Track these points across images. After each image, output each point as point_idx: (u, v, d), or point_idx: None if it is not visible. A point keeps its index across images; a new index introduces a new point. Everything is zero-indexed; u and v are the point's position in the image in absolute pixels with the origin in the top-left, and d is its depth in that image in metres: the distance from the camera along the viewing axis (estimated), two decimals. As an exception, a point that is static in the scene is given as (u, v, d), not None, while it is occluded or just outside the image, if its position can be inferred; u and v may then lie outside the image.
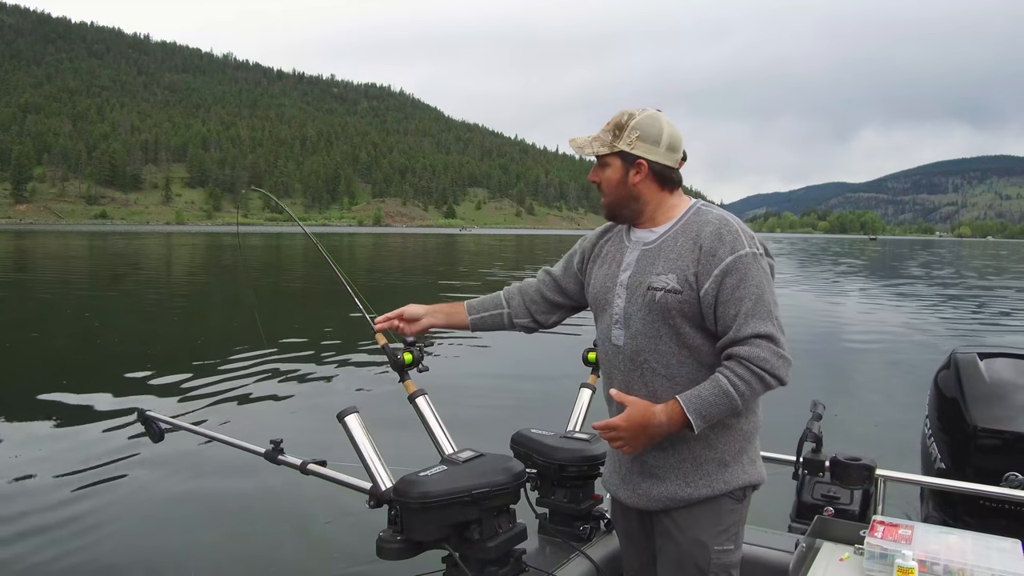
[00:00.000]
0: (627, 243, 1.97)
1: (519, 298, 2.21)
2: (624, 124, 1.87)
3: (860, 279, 30.80)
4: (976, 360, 2.85)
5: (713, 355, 1.83)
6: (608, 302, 1.95)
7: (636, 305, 1.87)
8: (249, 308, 12.42)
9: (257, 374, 8.61)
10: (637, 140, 1.86)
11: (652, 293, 1.84)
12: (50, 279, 24.63)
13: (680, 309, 1.81)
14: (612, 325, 1.93)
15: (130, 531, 4.46)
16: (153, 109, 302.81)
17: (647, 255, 1.90)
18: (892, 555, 1.78)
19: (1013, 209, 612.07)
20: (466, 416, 6.13)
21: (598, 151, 1.89)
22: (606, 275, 1.98)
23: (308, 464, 2.24)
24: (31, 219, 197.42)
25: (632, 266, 1.91)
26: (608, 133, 1.89)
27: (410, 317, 2.28)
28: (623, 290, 1.91)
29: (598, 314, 2.02)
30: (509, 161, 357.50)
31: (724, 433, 1.86)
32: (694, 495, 1.85)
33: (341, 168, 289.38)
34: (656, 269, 1.86)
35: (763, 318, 1.74)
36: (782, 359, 1.74)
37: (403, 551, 1.91)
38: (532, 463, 2.44)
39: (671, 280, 1.82)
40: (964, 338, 12.96)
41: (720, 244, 1.79)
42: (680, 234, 1.87)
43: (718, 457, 1.86)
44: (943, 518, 2.57)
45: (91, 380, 8.56)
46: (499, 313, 2.22)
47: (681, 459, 1.86)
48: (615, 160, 1.89)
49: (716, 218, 1.85)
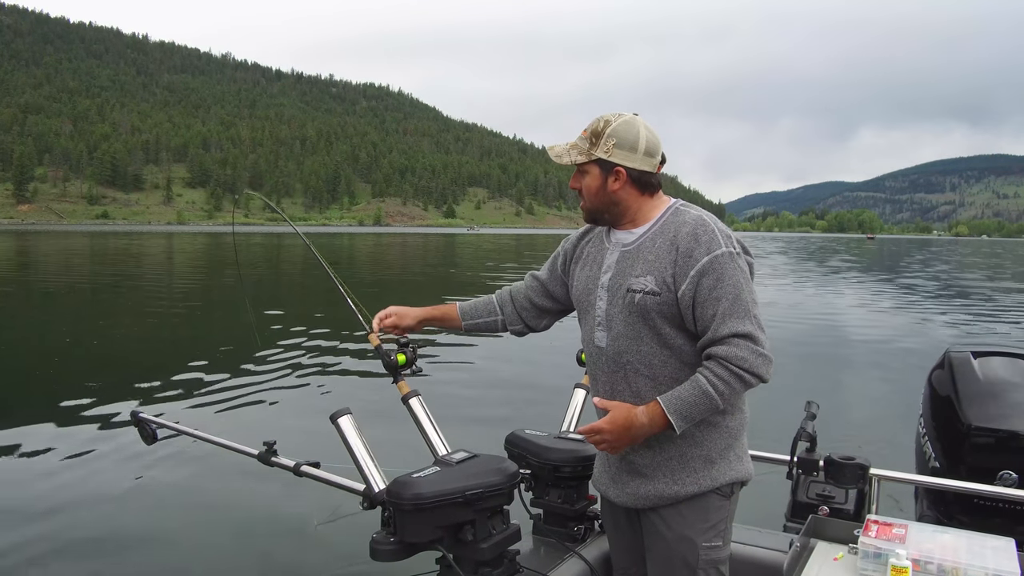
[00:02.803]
0: (607, 244, 1.97)
1: (511, 305, 2.24)
2: (600, 131, 1.86)
3: (856, 278, 30.80)
4: (970, 358, 2.85)
5: (695, 354, 1.84)
6: (590, 304, 1.96)
7: (617, 307, 1.88)
8: (244, 309, 12.41)
9: (250, 375, 8.58)
10: (614, 148, 1.85)
11: (631, 295, 1.84)
12: (49, 279, 24.61)
13: (659, 310, 1.82)
14: (595, 327, 1.94)
15: (122, 533, 4.45)
16: (153, 109, 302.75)
17: (626, 257, 1.90)
18: (886, 554, 1.78)
19: (1010, 208, 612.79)
20: (460, 417, 6.14)
21: (576, 159, 1.89)
22: (588, 277, 1.99)
23: (301, 466, 2.24)
24: (33, 219, 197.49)
25: (612, 268, 1.92)
26: (585, 141, 1.88)
27: (402, 315, 2.29)
28: (604, 292, 1.92)
29: (582, 316, 2.03)
30: (508, 161, 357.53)
31: (710, 431, 1.87)
32: (681, 492, 1.87)
33: (341, 168, 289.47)
34: (635, 271, 1.86)
35: (741, 317, 1.75)
36: (761, 357, 1.75)
37: (396, 552, 1.91)
38: (526, 464, 2.44)
39: (649, 282, 1.83)
40: (958, 337, 12.96)
41: (696, 245, 1.80)
42: (658, 235, 1.87)
43: (704, 454, 1.87)
44: (937, 517, 2.56)
45: (84, 381, 8.53)
46: (493, 320, 2.25)
47: (668, 457, 1.88)
48: (593, 168, 1.89)
49: (693, 219, 1.86)
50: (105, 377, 8.89)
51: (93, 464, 5.54)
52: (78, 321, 14.16)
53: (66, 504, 4.78)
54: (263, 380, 8.35)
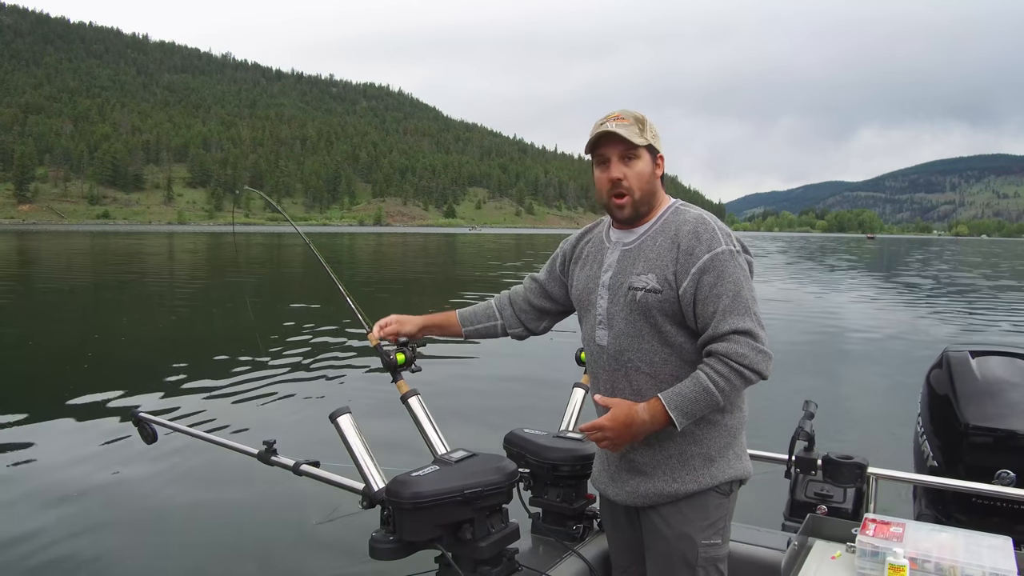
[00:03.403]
0: (607, 243, 1.98)
1: (510, 309, 2.25)
2: (643, 120, 1.88)
3: (855, 277, 30.79)
4: (968, 358, 2.85)
5: (695, 352, 1.85)
6: (591, 303, 1.97)
7: (618, 305, 1.89)
8: (243, 308, 12.42)
9: (250, 375, 8.58)
10: (654, 137, 1.88)
11: (633, 293, 1.85)
12: (48, 279, 24.62)
13: (661, 308, 1.83)
14: (596, 326, 1.95)
15: (122, 532, 4.46)
16: (153, 109, 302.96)
17: (627, 255, 1.91)
18: (884, 553, 1.77)
19: (1010, 208, 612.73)
20: (459, 416, 6.14)
21: (637, 140, 1.86)
22: (588, 276, 2.00)
23: (301, 465, 2.24)
24: (34, 219, 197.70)
25: (614, 266, 1.92)
26: (633, 126, 1.86)
27: (402, 322, 2.31)
28: (605, 291, 1.93)
29: (582, 315, 2.04)
30: (508, 161, 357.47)
31: (709, 429, 1.87)
32: (680, 490, 1.87)
33: (341, 168, 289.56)
34: (636, 269, 1.87)
35: (741, 314, 1.76)
36: (761, 354, 1.76)
37: (396, 551, 1.91)
38: (525, 463, 2.44)
39: (651, 280, 1.83)
40: (956, 336, 12.96)
41: (697, 242, 1.81)
42: (659, 233, 1.88)
43: (704, 452, 1.87)
44: (935, 516, 2.57)
45: (84, 381, 8.54)
46: (492, 325, 2.27)
47: (667, 455, 1.88)
48: (645, 153, 1.88)
49: (693, 217, 1.87)
50: (105, 376, 8.89)
51: (93, 463, 5.54)
52: (78, 320, 14.16)
53: (65, 503, 4.79)
54: (262, 379, 8.35)
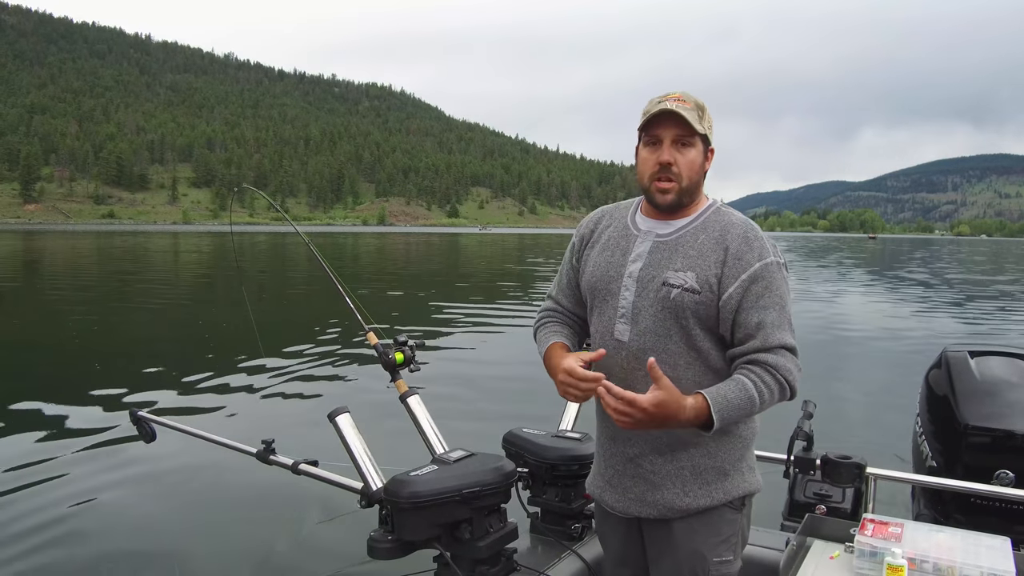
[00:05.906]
0: (635, 232, 1.82)
1: (568, 318, 1.99)
2: (704, 107, 1.75)
3: (855, 276, 30.73)
4: (967, 358, 2.85)
5: (720, 360, 1.75)
6: (612, 293, 1.79)
7: (648, 300, 1.73)
8: (242, 308, 12.42)
9: (249, 374, 8.56)
10: (710, 128, 1.76)
11: (668, 290, 1.71)
12: (49, 279, 24.67)
13: (695, 310, 1.70)
14: (616, 319, 1.77)
15: (121, 531, 4.45)
16: (156, 109, 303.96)
17: (661, 248, 1.77)
18: (882, 553, 1.77)
19: (1012, 208, 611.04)
20: (457, 415, 6.12)
21: (698, 128, 1.73)
22: (609, 263, 1.82)
23: (300, 464, 2.25)
24: (40, 219, 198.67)
25: (644, 258, 1.77)
26: (694, 111, 1.72)
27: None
28: (632, 282, 1.76)
29: (597, 304, 1.84)
30: (511, 161, 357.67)
31: (724, 440, 1.77)
32: (692, 505, 1.76)
33: (345, 168, 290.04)
34: (674, 265, 1.73)
35: (787, 330, 1.70)
36: (800, 373, 1.71)
37: (394, 551, 1.92)
38: (523, 462, 2.45)
39: (690, 278, 1.70)
40: (955, 336, 12.93)
41: (748, 249, 1.71)
42: (700, 231, 1.76)
43: (718, 466, 1.77)
44: (934, 516, 2.56)
45: (84, 380, 8.53)
46: (578, 340, 1.97)
47: (680, 467, 1.77)
48: (699, 142, 1.75)
49: (741, 220, 1.78)
50: (104, 375, 8.90)
51: (92, 462, 5.54)
52: (78, 320, 14.17)
53: (64, 502, 4.78)
54: (262, 379, 8.34)
